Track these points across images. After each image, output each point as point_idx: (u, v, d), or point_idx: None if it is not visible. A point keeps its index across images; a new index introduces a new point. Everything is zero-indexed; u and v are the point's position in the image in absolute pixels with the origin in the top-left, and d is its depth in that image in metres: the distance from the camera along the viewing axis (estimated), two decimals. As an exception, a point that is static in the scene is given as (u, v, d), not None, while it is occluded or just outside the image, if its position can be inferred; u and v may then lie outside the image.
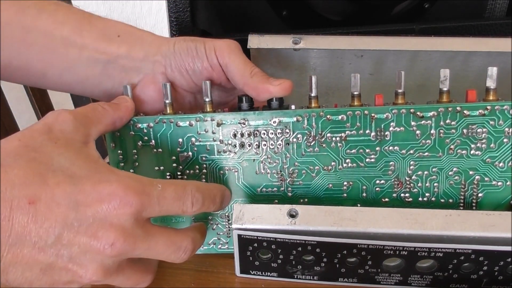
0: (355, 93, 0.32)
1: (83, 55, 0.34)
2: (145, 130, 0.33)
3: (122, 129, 0.33)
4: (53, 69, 0.35)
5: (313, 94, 0.32)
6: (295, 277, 0.33)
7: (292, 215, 0.31)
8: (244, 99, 0.34)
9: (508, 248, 0.29)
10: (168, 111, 0.33)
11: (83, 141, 0.28)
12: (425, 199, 0.33)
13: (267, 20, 0.53)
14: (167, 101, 0.33)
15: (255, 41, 0.38)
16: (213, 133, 0.33)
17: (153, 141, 0.33)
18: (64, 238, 0.24)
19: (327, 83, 0.41)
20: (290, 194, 0.34)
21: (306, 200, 0.34)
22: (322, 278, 0.33)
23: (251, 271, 0.34)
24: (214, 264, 0.36)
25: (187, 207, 0.28)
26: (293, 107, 0.33)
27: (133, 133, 0.33)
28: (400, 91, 0.31)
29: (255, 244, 0.32)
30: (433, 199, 0.33)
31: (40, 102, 0.77)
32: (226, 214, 0.35)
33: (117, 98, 0.33)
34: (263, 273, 0.34)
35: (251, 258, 0.33)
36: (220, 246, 0.36)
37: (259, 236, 0.31)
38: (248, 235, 0.31)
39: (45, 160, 0.25)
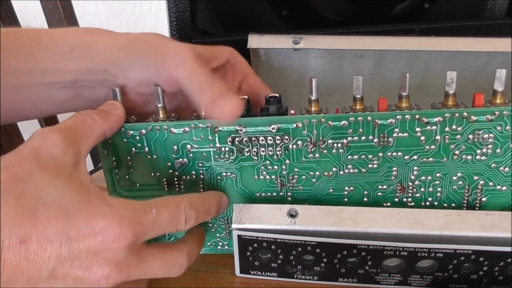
0: (358, 96, 0.31)
1: (48, 82, 0.32)
2: (137, 137, 0.32)
3: (113, 136, 0.31)
4: (28, 105, 0.33)
5: (313, 98, 0.31)
6: (295, 277, 0.33)
7: (292, 215, 0.31)
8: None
9: (508, 249, 0.29)
10: (161, 115, 0.32)
11: (74, 162, 0.26)
12: (427, 203, 0.33)
13: (267, 20, 0.53)
14: (159, 105, 0.31)
15: (255, 41, 0.38)
16: (209, 140, 0.32)
17: (146, 148, 0.32)
18: (58, 273, 0.24)
19: (327, 83, 0.41)
20: (289, 198, 0.33)
21: (306, 204, 0.33)
22: (322, 278, 0.33)
23: (251, 271, 0.34)
24: (214, 264, 0.36)
25: (181, 225, 0.28)
26: (292, 111, 0.32)
27: (125, 140, 0.32)
28: (404, 94, 0.30)
29: (255, 244, 0.32)
30: (435, 203, 0.33)
31: (40, 102, 0.77)
32: (225, 218, 0.35)
33: (107, 104, 0.31)
34: (263, 273, 0.34)
35: (251, 258, 0.33)
36: (219, 247, 0.36)
37: (259, 236, 0.31)
38: (248, 235, 0.31)
39: (35, 193, 0.24)
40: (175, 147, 0.32)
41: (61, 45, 0.32)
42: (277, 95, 0.31)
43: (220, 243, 0.36)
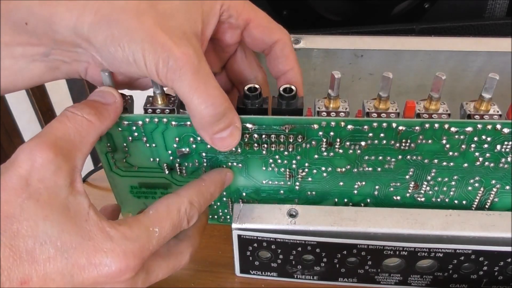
0: (384, 96, 0.28)
1: (16, 56, 0.27)
2: (134, 127, 0.29)
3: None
4: (4, 81, 0.28)
5: (333, 94, 0.28)
6: (295, 277, 0.33)
7: (292, 215, 0.31)
8: (250, 96, 0.28)
9: (508, 248, 0.29)
10: (160, 102, 0.28)
11: (68, 183, 0.24)
12: (438, 199, 0.32)
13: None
14: (157, 92, 0.28)
15: (255, 41, 0.38)
16: None
17: (144, 138, 0.30)
18: None
19: (327, 83, 0.41)
20: (297, 187, 0.33)
21: (313, 193, 0.33)
22: (322, 278, 0.33)
23: (251, 271, 0.34)
24: (214, 264, 0.36)
25: (183, 228, 0.28)
26: (307, 109, 0.29)
27: (120, 129, 0.29)
28: (436, 96, 0.27)
29: (255, 244, 0.32)
30: (446, 200, 0.32)
31: (40, 102, 0.77)
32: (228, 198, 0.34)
33: (102, 93, 0.27)
34: (263, 273, 0.34)
35: (251, 258, 0.33)
36: (221, 219, 0.36)
37: (259, 236, 0.31)
38: (248, 235, 0.31)
39: (30, 231, 0.22)
40: (177, 139, 0.30)
41: (14, 16, 0.26)
42: (293, 88, 0.28)
43: (222, 217, 0.36)
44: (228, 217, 0.36)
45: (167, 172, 0.32)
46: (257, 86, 0.28)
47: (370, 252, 0.31)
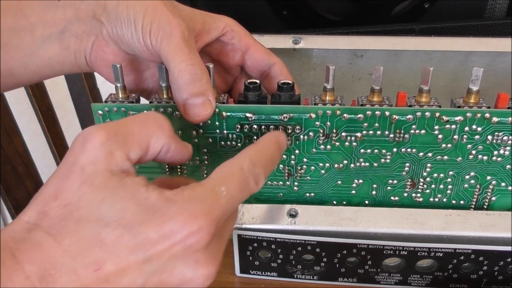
0: (376, 88, 0.29)
1: (36, 36, 0.31)
2: None
3: (111, 115, 0.30)
4: (16, 63, 0.32)
5: (329, 87, 0.29)
6: (295, 276, 0.33)
7: (292, 215, 0.31)
8: (251, 87, 0.30)
9: (508, 248, 0.29)
10: (164, 96, 0.30)
11: (121, 169, 0.23)
12: (436, 199, 0.33)
13: (267, 20, 0.53)
14: (163, 85, 0.30)
15: (255, 41, 0.38)
16: (216, 125, 0.30)
17: None
18: (152, 279, 0.22)
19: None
20: (296, 188, 0.33)
21: (312, 194, 0.33)
22: (322, 278, 0.33)
23: (251, 271, 0.34)
24: (214, 264, 0.36)
25: (253, 189, 0.25)
26: (305, 99, 0.30)
27: None
28: (425, 88, 0.29)
29: (255, 244, 0.32)
30: (444, 199, 0.33)
31: (40, 102, 0.77)
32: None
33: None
34: (263, 273, 0.34)
35: (251, 258, 0.33)
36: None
37: (259, 236, 0.31)
38: (248, 235, 0.31)
39: (92, 215, 0.22)
40: (180, 132, 0.31)
41: None
42: (290, 82, 0.30)
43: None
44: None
45: (167, 172, 0.33)
46: (257, 80, 0.30)
47: (370, 252, 0.31)
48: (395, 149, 0.31)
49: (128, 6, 0.29)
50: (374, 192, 0.33)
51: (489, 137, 0.30)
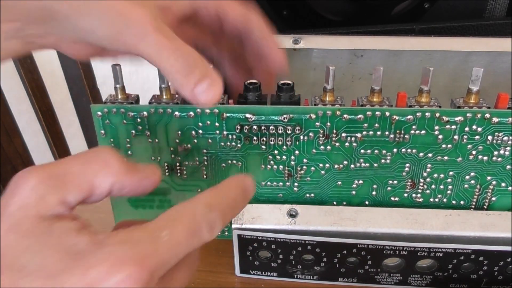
0: (376, 88, 0.29)
1: None
2: (139, 120, 0.30)
3: (112, 117, 0.30)
4: None
5: (329, 87, 0.30)
6: (295, 277, 0.33)
7: (292, 215, 0.31)
8: (251, 88, 0.30)
9: (508, 248, 0.29)
10: (165, 97, 0.30)
11: (54, 215, 0.21)
12: (436, 200, 0.33)
13: (267, 20, 0.53)
14: (163, 86, 0.30)
15: (255, 41, 0.38)
16: (216, 126, 0.30)
17: (148, 132, 0.31)
18: None
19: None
20: (296, 189, 0.33)
21: (312, 195, 0.33)
22: (322, 278, 0.33)
23: (251, 271, 0.34)
24: (214, 264, 0.36)
25: (205, 237, 0.22)
26: (305, 100, 0.30)
27: (125, 121, 0.30)
28: (426, 88, 0.29)
29: (255, 244, 0.32)
30: (444, 200, 0.33)
31: (40, 102, 0.77)
32: None
33: (142, 169, 0.23)
34: (263, 273, 0.34)
35: (251, 258, 0.33)
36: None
37: (259, 236, 0.31)
38: (248, 235, 0.31)
39: (15, 264, 0.20)
40: (179, 132, 0.31)
41: None
42: (290, 82, 0.30)
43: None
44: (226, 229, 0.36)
45: (167, 173, 0.33)
46: (256, 81, 0.30)
47: (370, 252, 0.31)
48: (395, 150, 0.31)
49: (80, 15, 0.25)
50: (374, 193, 0.33)
51: (489, 138, 0.30)
